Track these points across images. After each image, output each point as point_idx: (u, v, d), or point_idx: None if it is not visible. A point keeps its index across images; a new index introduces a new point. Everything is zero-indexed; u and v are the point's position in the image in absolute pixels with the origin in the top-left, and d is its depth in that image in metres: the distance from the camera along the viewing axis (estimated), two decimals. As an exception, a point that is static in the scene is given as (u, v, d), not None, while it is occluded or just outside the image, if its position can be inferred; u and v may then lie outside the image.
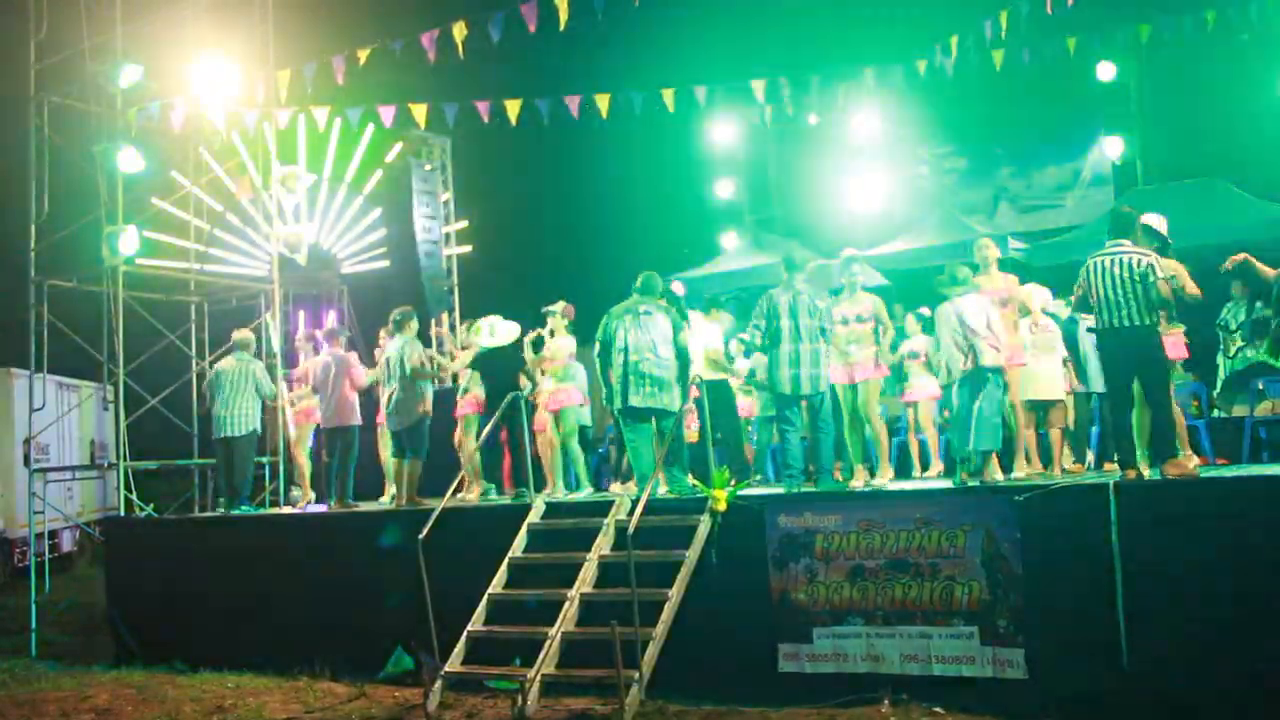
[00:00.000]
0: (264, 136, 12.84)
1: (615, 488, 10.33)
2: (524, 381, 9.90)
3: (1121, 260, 6.99)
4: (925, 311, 9.91)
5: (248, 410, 10.68)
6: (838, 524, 7.09)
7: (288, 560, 9.25)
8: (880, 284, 12.80)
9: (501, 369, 9.79)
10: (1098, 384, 9.14)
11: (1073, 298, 7.53)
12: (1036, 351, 8.83)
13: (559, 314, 10.31)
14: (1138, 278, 6.89)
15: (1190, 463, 7.24)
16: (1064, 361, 8.97)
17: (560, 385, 10.07)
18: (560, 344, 10.20)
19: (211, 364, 12.13)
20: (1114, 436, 7.45)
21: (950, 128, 18.03)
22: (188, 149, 13.63)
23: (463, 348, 10.80)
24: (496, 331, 9.83)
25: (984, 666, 6.56)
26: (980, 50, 13.18)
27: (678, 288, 10.19)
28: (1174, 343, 8.09)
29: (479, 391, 10.26)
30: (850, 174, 17.84)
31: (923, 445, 10.31)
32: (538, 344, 10.31)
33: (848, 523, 7.07)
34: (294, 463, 11.42)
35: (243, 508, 10.66)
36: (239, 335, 11.13)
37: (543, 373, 10.22)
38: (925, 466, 10.22)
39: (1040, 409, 8.86)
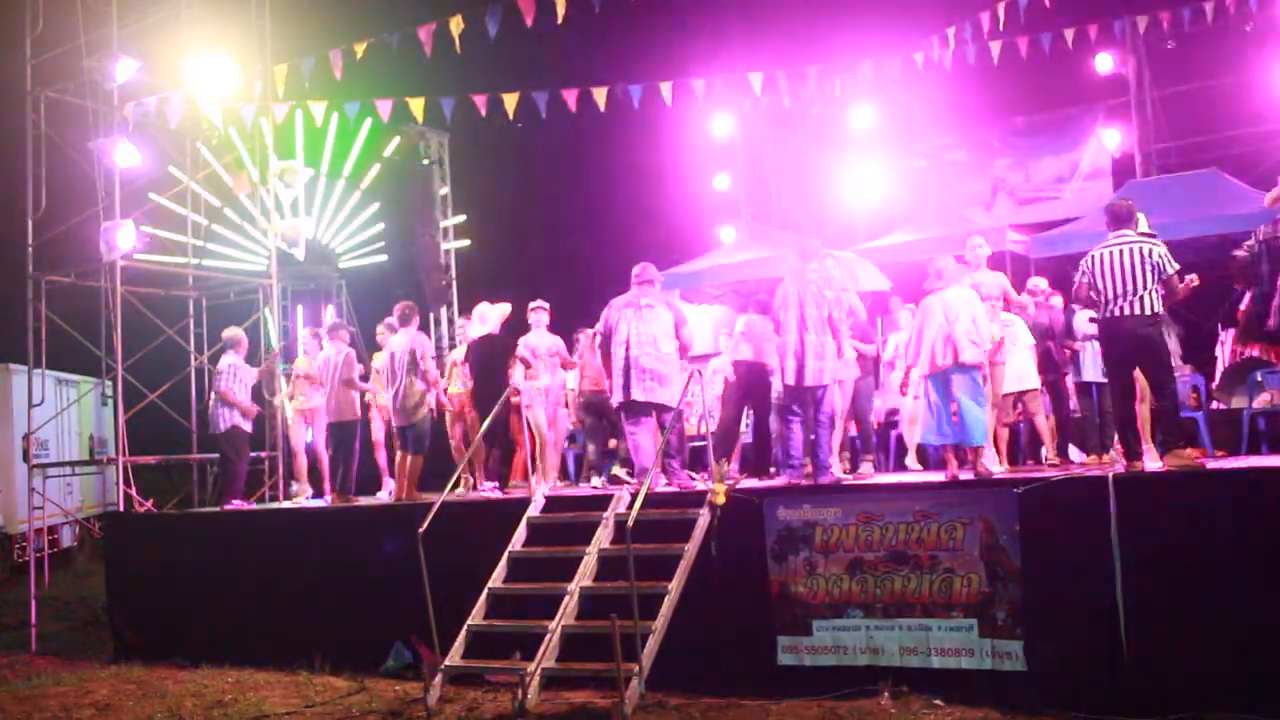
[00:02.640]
0: (261, 131, 12.81)
1: (595, 481, 10.37)
2: (512, 373, 9.88)
3: (1130, 249, 6.91)
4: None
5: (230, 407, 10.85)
6: (837, 517, 7.10)
7: (288, 555, 9.24)
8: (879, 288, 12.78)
9: (494, 356, 9.76)
10: (1091, 375, 9.14)
11: (1075, 290, 7.47)
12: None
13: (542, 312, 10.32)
14: (1149, 266, 6.82)
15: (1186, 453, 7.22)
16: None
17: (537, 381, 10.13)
18: (537, 340, 10.23)
19: (211, 359, 12.14)
20: (1116, 428, 7.42)
21: (948, 120, 18.04)
22: (185, 144, 13.60)
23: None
24: (487, 318, 9.81)
25: (983, 659, 6.58)
26: (978, 42, 13.19)
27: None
28: None
29: (459, 388, 10.31)
30: (848, 167, 17.85)
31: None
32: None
33: (847, 516, 7.08)
34: (294, 457, 11.44)
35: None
36: (228, 333, 11.17)
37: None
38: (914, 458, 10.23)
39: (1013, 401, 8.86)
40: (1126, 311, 6.87)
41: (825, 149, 18.53)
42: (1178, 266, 6.94)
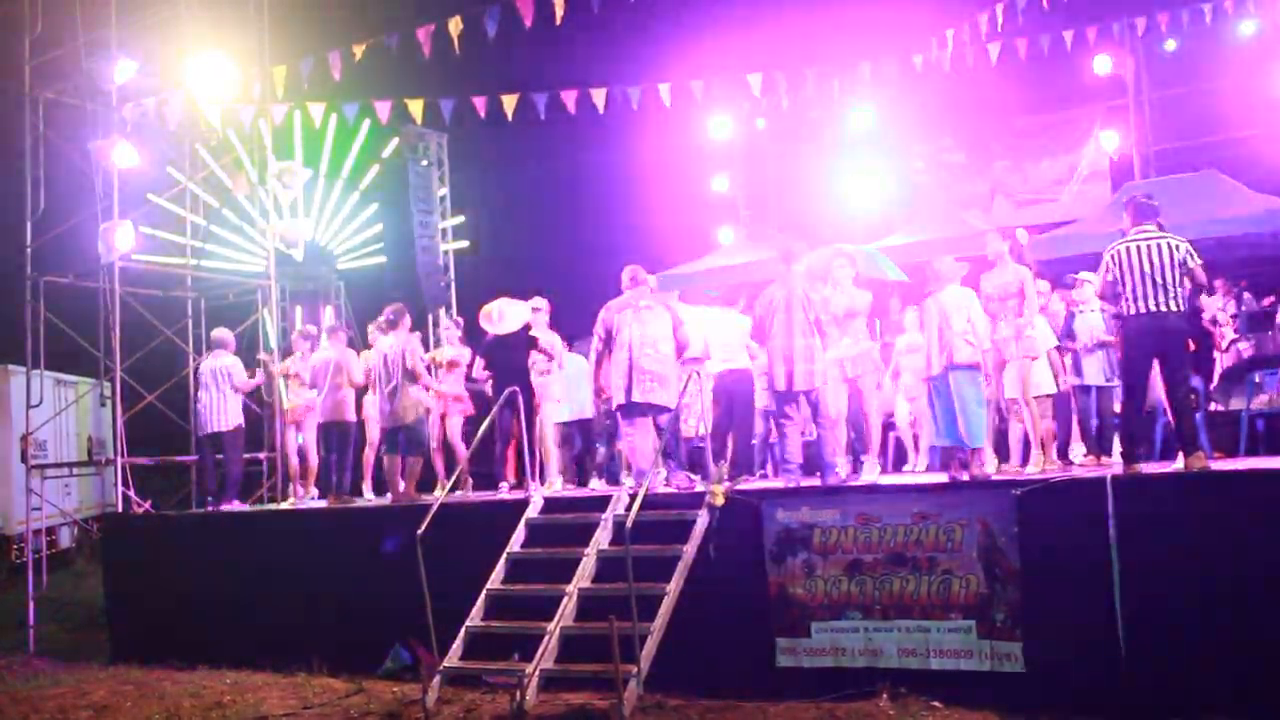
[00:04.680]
0: (260, 132, 12.81)
1: (595, 483, 10.38)
2: (533, 364, 9.88)
3: (1155, 245, 6.86)
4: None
5: (232, 406, 10.79)
6: (835, 519, 7.10)
7: (286, 556, 9.23)
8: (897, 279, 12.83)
9: (510, 356, 9.73)
10: (1092, 378, 9.12)
11: (1100, 289, 7.41)
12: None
13: (542, 310, 10.31)
14: (1177, 263, 6.80)
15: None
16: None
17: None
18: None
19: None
20: (1124, 428, 7.37)
21: (947, 122, 18.05)
22: (184, 145, 13.60)
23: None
24: (505, 317, 9.76)
25: (982, 661, 6.57)
26: (977, 44, 13.19)
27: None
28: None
29: (457, 388, 10.32)
30: (847, 168, 17.87)
31: (916, 439, 10.33)
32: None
33: (845, 517, 7.08)
34: (302, 460, 11.42)
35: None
36: (217, 334, 11.16)
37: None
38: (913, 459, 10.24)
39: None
40: (1158, 308, 6.79)
41: (824, 150, 18.55)
42: (1200, 261, 6.90)
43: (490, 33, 11.04)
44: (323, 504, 10.60)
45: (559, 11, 10.57)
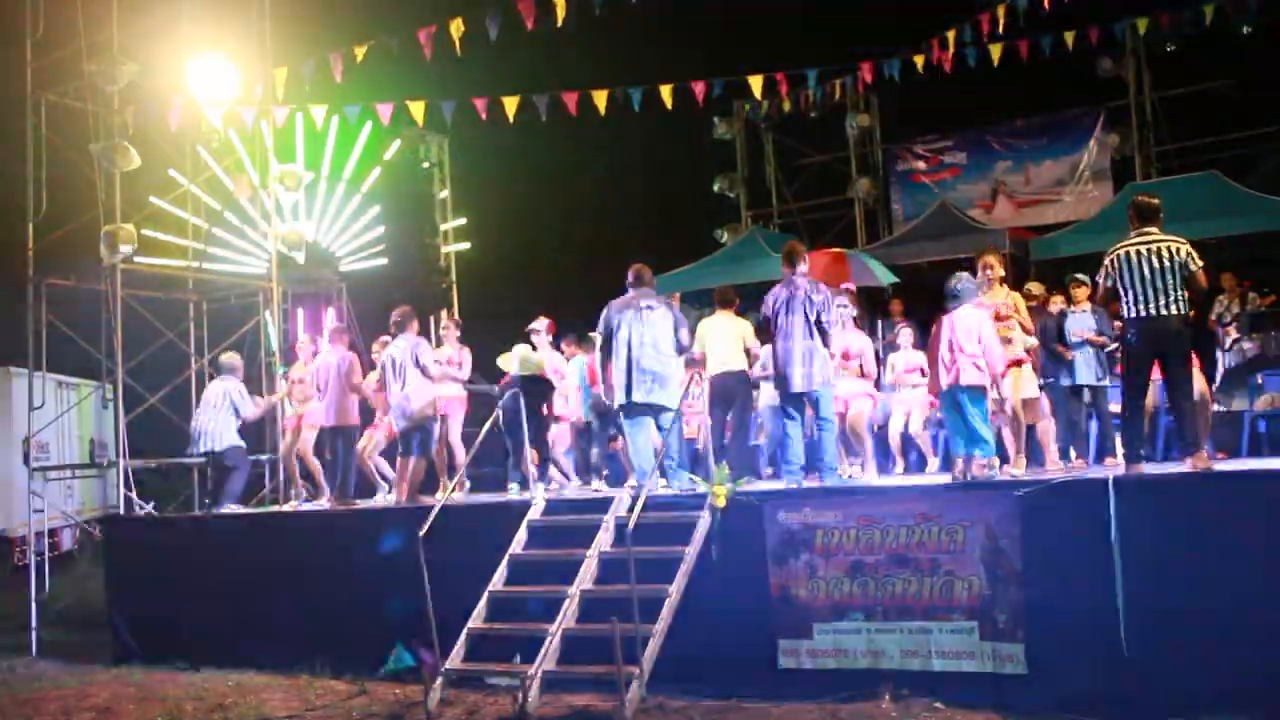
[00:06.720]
0: (261, 134, 12.81)
1: (597, 485, 10.38)
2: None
3: (1156, 249, 6.84)
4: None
5: (226, 428, 10.74)
6: (837, 520, 7.09)
7: (288, 558, 9.24)
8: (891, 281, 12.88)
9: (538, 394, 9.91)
10: (1084, 377, 9.08)
11: (1099, 293, 7.40)
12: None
13: (543, 331, 10.43)
14: (1177, 265, 6.79)
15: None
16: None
17: None
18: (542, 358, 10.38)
19: (211, 362, 12.15)
20: (1124, 430, 7.36)
21: (948, 122, 18.07)
22: (185, 147, 13.58)
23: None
24: (523, 359, 10.02)
25: (984, 662, 6.57)
26: (978, 44, 13.21)
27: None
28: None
29: (457, 389, 10.40)
30: (848, 170, 17.89)
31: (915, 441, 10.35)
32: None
33: (847, 519, 7.07)
34: (306, 464, 11.40)
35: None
36: (225, 359, 11.14)
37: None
38: (922, 463, 10.23)
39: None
40: (1160, 312, 6.77)
41: (825, 152, 18.57)
42: (1201, 264, 6.87)
43: (492, 34, 11.06)
44: (325, 506, 10.61)
45: (560, 13, 10.58)
